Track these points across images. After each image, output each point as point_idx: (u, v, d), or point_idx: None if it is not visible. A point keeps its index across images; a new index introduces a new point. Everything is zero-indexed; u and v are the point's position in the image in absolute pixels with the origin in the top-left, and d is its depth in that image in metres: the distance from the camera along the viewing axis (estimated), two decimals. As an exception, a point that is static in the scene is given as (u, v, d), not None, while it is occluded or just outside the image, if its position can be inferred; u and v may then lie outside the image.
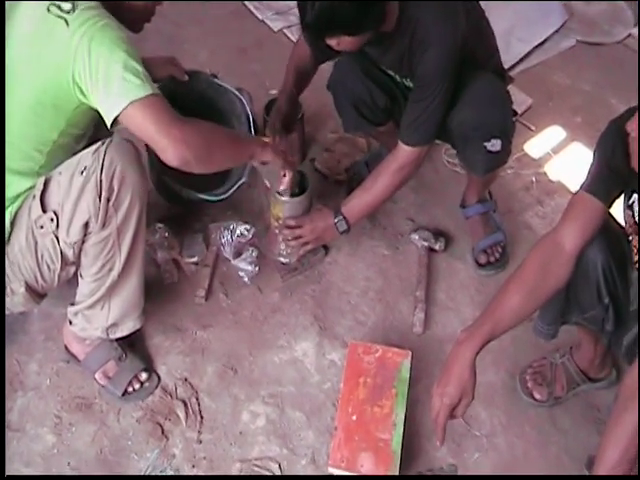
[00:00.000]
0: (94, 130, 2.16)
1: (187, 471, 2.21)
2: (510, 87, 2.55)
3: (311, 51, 2.58)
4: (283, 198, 2.50)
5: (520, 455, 2.29)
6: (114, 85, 1.86)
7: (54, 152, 2.05)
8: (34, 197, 2.01)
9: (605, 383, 2.40)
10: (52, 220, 1.99)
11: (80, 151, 2.04)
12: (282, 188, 2.46)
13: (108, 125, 1.92)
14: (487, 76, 2.38)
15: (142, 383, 2.37)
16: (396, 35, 2.23)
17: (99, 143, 2.00)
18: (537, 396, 2.37)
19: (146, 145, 2.51)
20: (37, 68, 1.91)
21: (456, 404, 1.88)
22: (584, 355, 2.35)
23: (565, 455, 2.28)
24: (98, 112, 1.93)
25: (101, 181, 1.95)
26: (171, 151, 1.93)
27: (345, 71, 2.48)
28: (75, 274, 2.16)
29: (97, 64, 1.84)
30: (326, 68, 2.63)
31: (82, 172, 1.96)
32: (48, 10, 1.89)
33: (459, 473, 2.23)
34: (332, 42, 2.17)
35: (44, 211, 2.00)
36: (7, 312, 2.16)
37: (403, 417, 2.15)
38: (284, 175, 2.41)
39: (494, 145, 2.38)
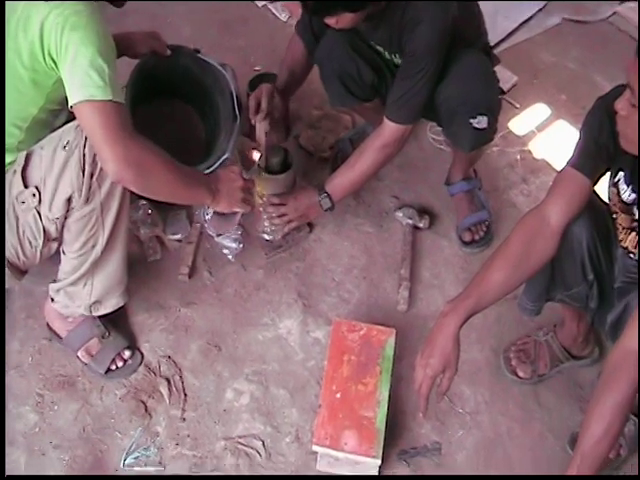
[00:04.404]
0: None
1: (171, 449, 2.21)
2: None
3: (306, 45, 2.58)
4: (267, 175, 2.49)
5: (504, 432, 2.30)
6: (76, 76, 1.82)
7: (33, 127, 2.02)
8: (15, 172, 1.98)
9: (588, 361, 2.42)
10: (34, 195, 1.97)
11: (59, 126, 2.01)
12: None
13: (69, 108, 1.88)
14: (474, 54, 2.37)
15: (125, 361, 2.36)
16: (387, 11, 2.21)
17: None
18: (521, 374, 2.38)
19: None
20: (15, 44, 1.86)
21: (439, 375, 1.88)
22: (568, 333, 2.36)
23: (548, 432, 2.30)
24: None
25: (84, 155, 1.93)
26: (110, 165, 1.86)
27: (332, 44, 2.45)
28: (58, 251, 2.14)
29: (67, 48, 1.81)
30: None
31: (65, 147, 1.93)
32: None
33: (443, 451, 2.24)
34: (331, 21, 2.16)
35: (26, 186, 1.97)
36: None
37: (387, 395, 2.15)
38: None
39: (480, 122, 2.38)
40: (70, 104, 1.84)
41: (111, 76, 1.85)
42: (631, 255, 1.93)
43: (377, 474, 2.15)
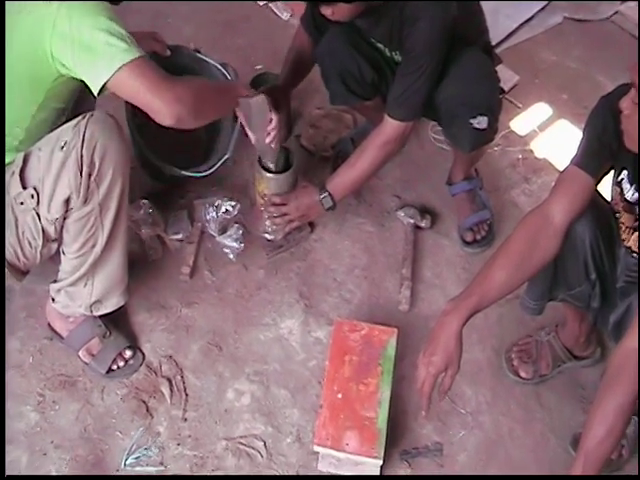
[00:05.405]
0: (74, 105, 2.12)
1: (172, 449, 2.20)
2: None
3: (310, 38, 2.59)
4: (268, 175, 2.48)
5: (505, 433, 2.30)
6: (100, 52, 1.83)
7: (34, 127, 2.01)
8: (13, 173, 1.97)
9: (590, 361, 2.41)
10: (32, 196, 1.96)
11: (60, 126, 2.01)
12: (268, 140, 2.40)
13: (95, 94, 1.88)
14: (475, 53, 2.37)
15: (126, 361, 2.36)
16: (386, 7, 2.21)
17: (79, 117, 1.96)
18: (522, 374, 2.38)
19: (127, 121, 2.49)
20: (10, 39, 1.86)
21: (442, 373, 1.88)
22: (569, 333, 2.35)
23: (550, 433, 2.30)
24: (82, 82, 1.89)
25: (82, 156, 1.92)
26: (165, 111, 1.92)
27: (333, 42, 2.45)
28: (58, 251, 2.14)
29: (80, 33, 1.81)
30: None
31: (62, 147, 1.93)
32: None
33: (444, 451, 2.23)
34: (327, 12, 2.16)
35: (24, 187, 1.96)
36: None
37: (389, 395, 2.15)
38: (270, 120, 2.37)
39: (480, 122, 2.37)
40: (102, 81, 1.85)
41: (129, 35, 1.88)
42: (634, 255, 1.93)
43: (378, 474, 2.14)
